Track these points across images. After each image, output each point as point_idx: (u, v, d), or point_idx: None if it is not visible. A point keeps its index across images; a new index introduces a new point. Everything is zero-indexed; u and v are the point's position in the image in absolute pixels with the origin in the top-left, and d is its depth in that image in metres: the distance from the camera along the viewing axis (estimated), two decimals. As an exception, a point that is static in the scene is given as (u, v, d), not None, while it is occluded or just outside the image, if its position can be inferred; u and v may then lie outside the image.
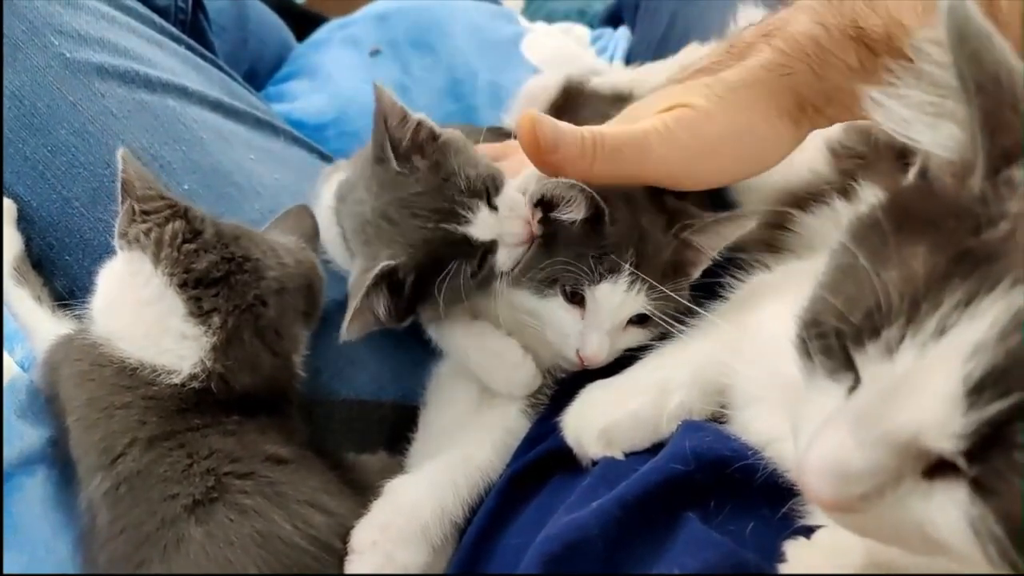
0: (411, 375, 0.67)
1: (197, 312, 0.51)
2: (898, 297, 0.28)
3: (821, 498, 0.29)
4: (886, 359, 0.28)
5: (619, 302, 0.55)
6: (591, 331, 0.55)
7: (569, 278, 0.55)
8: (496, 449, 0.56)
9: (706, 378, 0.51)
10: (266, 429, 0.51)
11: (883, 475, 0.28)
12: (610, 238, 0.55)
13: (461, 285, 0.55)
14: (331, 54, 0.96)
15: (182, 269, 0.51)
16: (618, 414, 0.50)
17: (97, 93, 0.65)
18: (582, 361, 0.56)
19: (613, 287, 0.55)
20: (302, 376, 0.58)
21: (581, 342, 0.56)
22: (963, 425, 0.26)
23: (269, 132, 0.77)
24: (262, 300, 0.54)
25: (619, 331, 0.57)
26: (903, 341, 0.28)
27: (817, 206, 0.67)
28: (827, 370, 0.32)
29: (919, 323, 0.27)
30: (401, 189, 0.56)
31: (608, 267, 0.55)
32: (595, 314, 0.55)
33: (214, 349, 0.51)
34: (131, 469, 0.48)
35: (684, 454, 0.43)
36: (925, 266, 0.29)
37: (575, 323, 0.56)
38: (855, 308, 0.30)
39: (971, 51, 0.30)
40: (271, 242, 0.57)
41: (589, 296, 0.55)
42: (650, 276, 0.55)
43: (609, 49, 1.04)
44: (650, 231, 0.57)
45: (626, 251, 0.55)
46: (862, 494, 0.28)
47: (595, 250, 0.55)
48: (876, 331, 0.29)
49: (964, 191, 0.31)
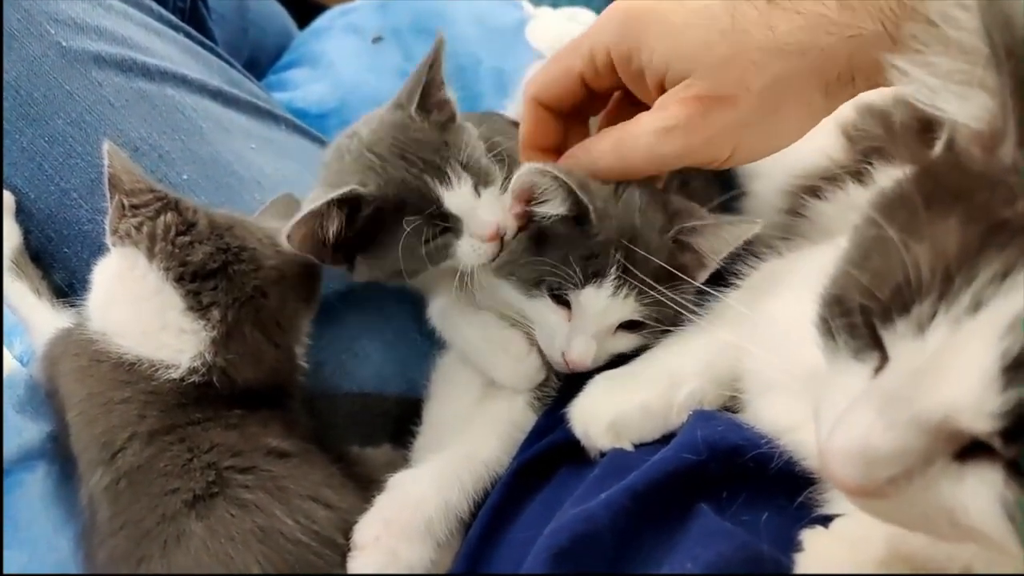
0: (415, 368, 0.65)
1: (196, 306, 0.50)
2: (929, 271, 0.27)
3: (846, 483, 0.28)
4: (917, 336, 0.26)
5: (604, 308, 0.53)
6: (576, 335, 0.54)
7: (554, 281, 0.53)
8: (502, 442, 0.55)
9: (718, 366, 0.49)
10: (268, 423, 0.50)
11: (912, 458, 0.27)
12: (596, 238, 0.53)
13: (413, 246, 0.54)
14: (333, 42, 0.95)
15: (178, 262, 0.50)
16: (627, 405, 0.49)
17: (94, 82, 0.64)
18: (567, 364, 0.54)
19: (597, 292, 0.52)
20: (305, 368, 0.57)
21: (566, 345, 0.54)
22: (999, 404, 0.24)
23: (270, 121, 0.76)
24: (262, 291, 0.52)
25: (607, 336, 0.55)
26: (935, 317, 0.26)
27: (831, 191, 0.65)
28: (851, 350, 0.30)
29: (952, 298, 0.26)
30: (403, 132, 0.56)
31: (593, 270, 0.52)
32: (580, 318, 0.53)
33: (214, 343, 0.50)
34: (131, 464, 0.47)
35: (695, 443, 0.42)
36: (958, 239, 0.27)
37: (562, 325, 0.54)
38: (883, 283, 0.28)
39: (1001, 14, 0.29)
40: (266, 230, 0.56)
41: (573, 300, 0.53)
42: (640, 280, 0.52)
43: (615, 34, 1.02)
44: (643, 231, 0.54)
45: (613, 253, 0.52)
46: (890, 478, 0.27)
47: (581, 251, 0.52)
48: (906, 307, 0.27)
49: (994, 162, 0.29)
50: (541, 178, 0.52)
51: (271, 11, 1.04)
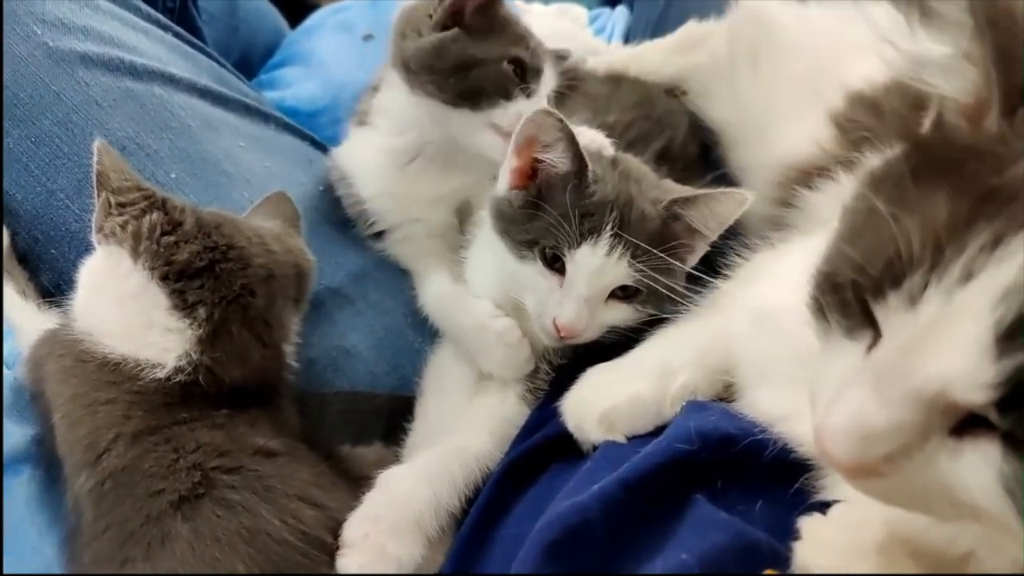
0: (407, 365, 0.65)
1: (182, 305, 0.49)
2: (920, 243, 0.26)
3: (843, 461, 0.27)
4: (909, 309, 0.26)
5: (599, 266, 0.53)
6: (568, 299, 0.53)
7: (549, 239, 0.53)
8: (493, 437, 0.54)
9: (711, 357, 0.49)
10: (256, 422, 0.49)
11: (909, 433, 0.26)
12: (593, 197, 0.54)
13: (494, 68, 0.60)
14: (324, 40, 0.95)
15: (163, 261, 0.50)
16: (619, 397, 0.48)
17: (81, 82, 0.64)
18: (559, 332, 0.54)
19: (593, 249, 0.53)
20: (294, 367, 0.56)
21: (558, 310, 0.53)
22: (994, 374, 0.24)
23: (259, 119, 0.75)
24: (250, 289, 0.52)
25: (600, 303, 0.54)
26: (927, 289, 0.25)
27: (822, 182, 0.65)
28: (844, 329, 0.30)
29: (943, 269, 0.25)
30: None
31: (589, 227, 0.53)
32: (574, 280, 0.53)
33: (200, 342, 0.49)
34: (116, 465, 0.46)
35: (688, 434, 0.41)
36: (947, 210, 0.26)
37: (554, 290, 0.54)
38: (874, 258, 0.28)
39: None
40: (256, 228, 0.55)
41: (569, 259, 0.53)
42: (634, 244, 0.53)
43: (607, 29, 1.03)
44: (637, 198, 0.55)
45: (609, 212, 0.53)
46: (887, 455, 0.26)
47: (578, 208, 0.53)
48: (897, 280, 0.26)
49: (981, 132, 0.29)
50: (547, 119, 0.53)
51: (262, 10, 1.04)
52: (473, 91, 0.60)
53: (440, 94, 0.61)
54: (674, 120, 0.79)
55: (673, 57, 0.85)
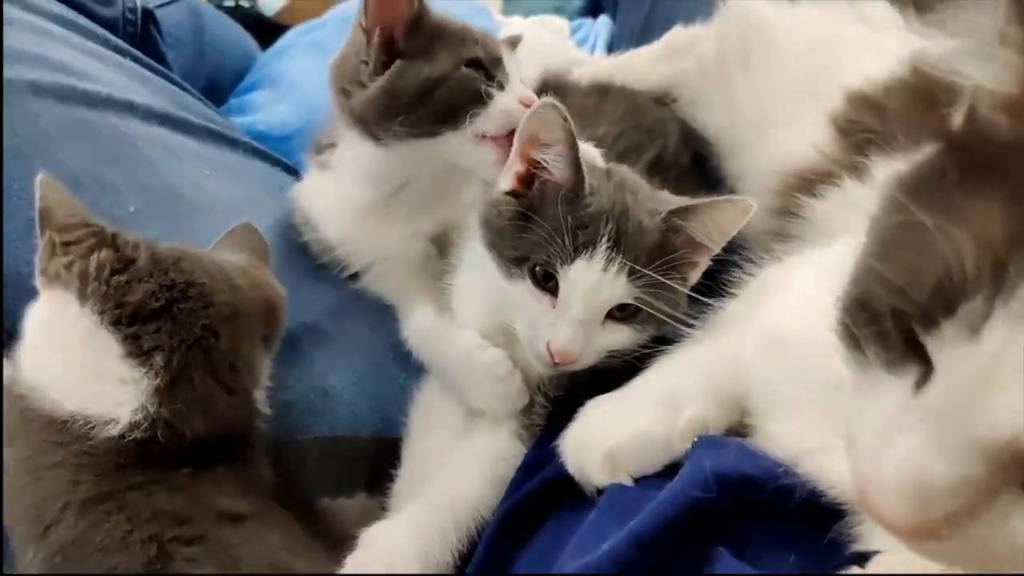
0: (391, 404, 0.60)
1: (136, 352, 0.45)
2: (975, 261, 0.22)
3: (897, 523, 0.23)
4: (968, 341, 0.22)
5: (595, 283, 0.49)
6: (562, 320, 0.49)
7: (540, 254, 0.49)
8: (487, 481, 0.49)
9: (722, 385, 0.44)
10: (221, 481, 0.44)
11: (974, 489, 0.22)
12: (588, 208, 0.50)
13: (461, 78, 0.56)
14: (295, 61, 0.91)
15: (113, 304, 0.45)
16: (624, 434, 0.44)
17: (32, 113, 0.60)
18: (553, 358, 0.49)
19: (588, 264, 0.49)
20: (266, 414, 0.51)
21: (551, 333, 0.49)
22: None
23: (225, 145, 0.71)
24: (212, 331, 0.47)
25: (597, 324, 0.50)
26: (990, 316, 0.21)
27: (826, 188, 0.61)
28: (884, 362, 0.26)
29: (1009, 291, 0.21)
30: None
31: (584, 240, 0.49)
32: (568, 299, 0.49)
33: (158, 392, 0.44)
34: (65, 538, 0.41)
35: (704, 478, 0.36)
36: (1003, 220, 0.22)
37: (546, 312, 0.50)
38: (919, 280, 0.23)
39: None
40: (220, 263, 0.51)
41: (562, 276, 0.49)
42: (631, 258, 0.49)
43: (590, 39, 1.00)
44: (633, 209, 0.51)
45: (605, 224, 0.49)
46: (948, 515, 0.22)
47: (571, 220, 0.49)
48: (951, 306, 0.22)
49: (1023, 128, 0.25)
50: (551, 112, 0.50)
51: (230, 34, 1.01)
52: (446, 111, 0.55)
53: (414, 130, 0.56)
54: (665, 129, 0.76)
55: (660, 64, 0.82)
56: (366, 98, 0.56)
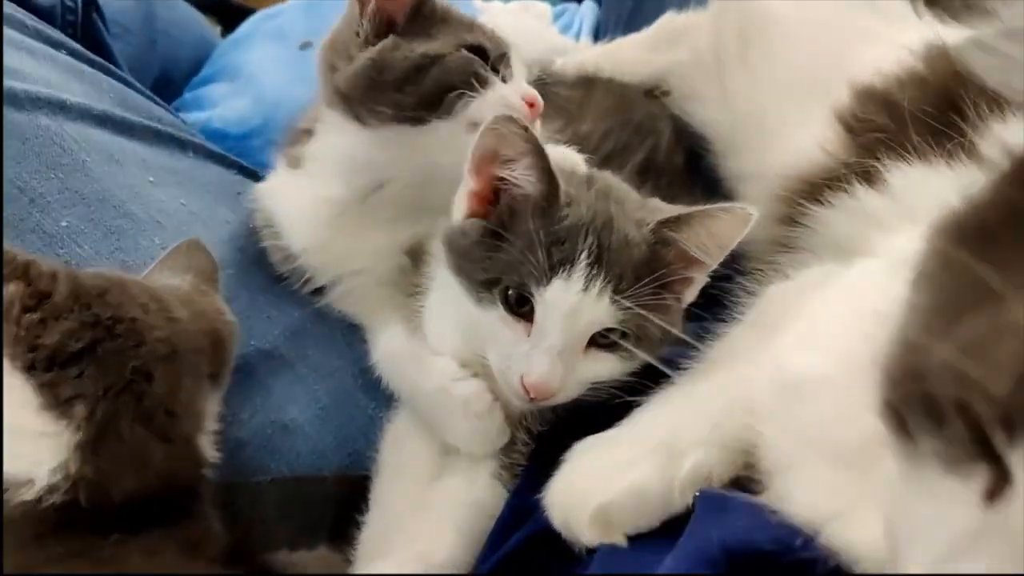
0: (359, 436, 0.55)
1: (53, 402, 0.39)
2: None
3: None
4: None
5: (574, 305, 0.43)
6: (538, 351, 0.44)
7: (513, 276, 0.44)
8: (462, 535, 0.45)
9: (728, 431, 0.39)
10: (157, 549, 0.39)
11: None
12: (564, 222, 0.45)
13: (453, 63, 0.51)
14: (255, 51, 0.84)
15: (26, 347, 0.39)
16: (617, 488, 0.39)
17: None
18: (528, 392, 0.44)
19: (566, 285, 0.43)
20: (214, 459, 0.46)
21: (526, 366, 0.44)
22: None
23: (174, 148, 0.64)
24: (144, 373, 0.41)
25: (578, 353, 0.45)
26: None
27: (834, 195, 0.56)
28: (943, 460, 0.21)
29: None
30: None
31: (560, 258, 0.44)
32: (544, 326, 0.44)
33: (80, 448, 0.38)
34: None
35: (711, 552, 0.32)
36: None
37: (520, 341, 0.44)
38: (995, 366, 0.18)
39: None
40: (155, 291, 0.44)
41: (538, 300, 0.44)
42: (616, 276, 0.44)
43: (574, 25, 0.94)
44: (618, 219, 0.46)
45: (584, 238, 0.44)
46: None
47: (546, 235, 0.44)
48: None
49: None
50: (508, 126, 0.44)
51: (185, 19, 0.92)
52: (438, 93, 0.49)
53: (399, 113, 0.50)
54: (656, 126, 0.70)
55: (651, 54, 0.77)
56: (352, 71, 0.51)
